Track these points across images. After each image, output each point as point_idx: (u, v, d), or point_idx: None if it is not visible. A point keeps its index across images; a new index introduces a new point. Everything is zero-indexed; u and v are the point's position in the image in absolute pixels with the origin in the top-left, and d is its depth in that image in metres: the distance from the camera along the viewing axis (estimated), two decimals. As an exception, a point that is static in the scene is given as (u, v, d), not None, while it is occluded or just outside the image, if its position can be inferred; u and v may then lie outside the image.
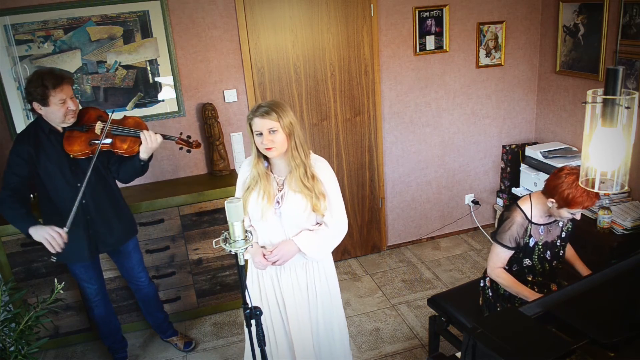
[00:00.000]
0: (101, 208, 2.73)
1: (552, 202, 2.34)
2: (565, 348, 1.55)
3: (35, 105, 2.51)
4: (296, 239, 2.18)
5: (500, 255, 2.46)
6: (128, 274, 3.03)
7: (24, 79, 3.23)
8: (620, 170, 1.47)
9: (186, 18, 3.40)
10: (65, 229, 2.48)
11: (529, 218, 2.42)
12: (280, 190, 2.18)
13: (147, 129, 2.65)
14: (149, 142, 2.57)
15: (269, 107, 2.07)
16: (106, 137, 2.58)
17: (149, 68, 3.42)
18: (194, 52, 3.48)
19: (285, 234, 2.20)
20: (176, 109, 3.53)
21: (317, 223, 2.25)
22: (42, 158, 2.57)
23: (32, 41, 3.18)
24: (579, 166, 2.32)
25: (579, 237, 3.29)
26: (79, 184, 2.58)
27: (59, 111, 2.51)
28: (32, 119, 3.27)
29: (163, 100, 3.50)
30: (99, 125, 2.59)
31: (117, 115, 2.73)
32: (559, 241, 2.50)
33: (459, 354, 2.04)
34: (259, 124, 2.06)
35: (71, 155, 2.58)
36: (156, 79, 3.45)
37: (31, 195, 3.02)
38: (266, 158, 2.19)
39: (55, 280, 2.38)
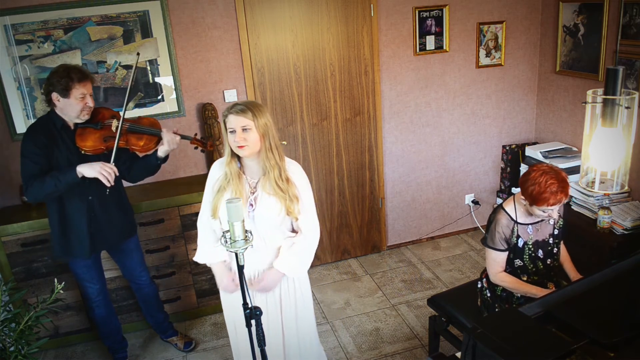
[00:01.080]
0: (106, 206, 2.74)
1: (524, 200, 2.36)
2: (565, 348, 1.55)
3: (54, 96, 2.53)
4: (279, 266, 2.18)
5: (496, 260, 2.47)
6: (129, 273, 3.03)
7: (24, 79, 3.23)
8: (620, 170, 1.47)
9: (186, 18, 3.40)
10: (112, 164, 2.53)
11: (514, 219, 2.43)
12: (254, 193, 2.15)
13: (161, 128, 2.69)
14: (172, 144, 2.61)
15: (245, 105, 2.07)
16: (122, 134, 2.61)
17: (149, 68, 3.42)
18: (194, 52, 3.48)
19: (259, 237, 2.17)
20: (176, 109, 3.53)
21: (293, 230, 2.24)
22: (54, 151, 2.60)
23: (32, 41, 3.18)
24: (552, 165, 2.33)
25: (579, 237, 3.29)
26: (87, 181, 2.57)
27: (77, 105, 2.54)
28: (33, 119, 3.29)
29: (163, 100, 3.50)
30: (114, 123, 2.63)
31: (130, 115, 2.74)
32: (551, 239, 2.50)
33: (459, 354, 2.04)
34: (233, 121, 2.05)
35: (83, 151, 2.60)
36: (156, 79, 3.45)
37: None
38: (239, 159, 2.17)
39: (55, 280, 2.38)
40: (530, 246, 2.45)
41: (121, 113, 2.63)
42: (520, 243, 2.44)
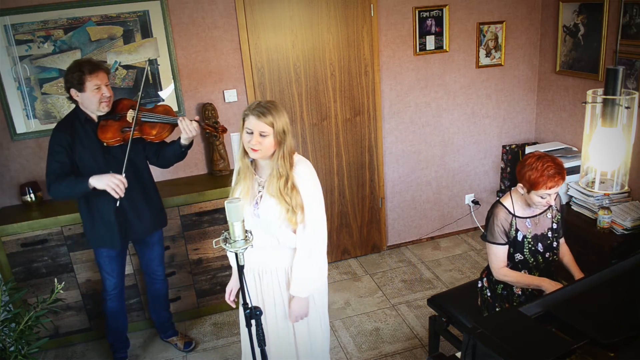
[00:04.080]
0: (131, 196, 2.75)
1: (522, 188, 2.38)
2: (565, 348, 1.55)
3: (73, 92, 2.60)
4: (297, 293, 2.16)
5: (497, 255, 2.47)
6: (147, 265, 3.07)
7: (24, 79, 3.23)
8: (620, 170, 1.47)
9: (186, 18, 3.40)
10: (123, 174, 2.57)
11: (512, 212, 2.45)
12: (260, 192, 2.16)
13: (176, 116, 2.73)
14: (188, 132, 2.63)
15: (266, 108, 2.05)
16: (137, 124, 2.65)
17: (149, 68, 3.41)
18: (194, 52, 3.48)
19: (262, 235, 2.16)
20: (176, 109, 3.53)
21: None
22: (77, 146, 2.66)
23: (32, 41, 3.18)
24: (546, 151, 2.34)
25: (579, 237, 3.30)
26: (111, 172, 2.62)
27: (94, 97, 2.59)
28: (33, 119, 3.30)
29: (163, 100, 3.49)
30: (130, 113, 2.68)
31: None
32: (550, 233, 2.50)
33: (459, 354, 2.04)
34: (253, 123, 2.04)
35: (104, 143, 2.65)
36: (156, 79, 3.45)
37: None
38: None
39: (55, 280, 2.39)
40: (530, 240, 2.46)
41: (138, 103, 2.68)
42: (520, 236, 2.45)
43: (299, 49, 3.65)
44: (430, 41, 3.91)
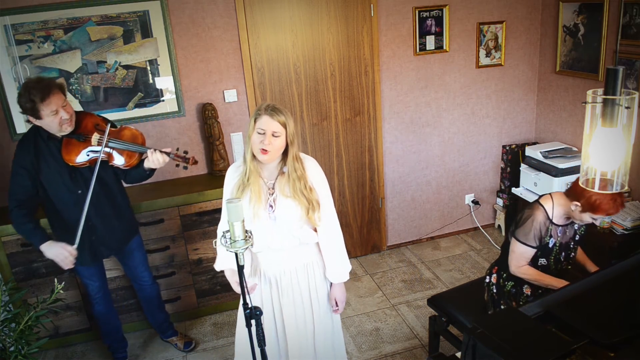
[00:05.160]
0: (103, 214, 2.73)
1: (577, 205, 2.32)
2: (565, 348, 1.55)
3: (31, 118, 2.47)
4: (340, 278, 2.28)
5: (524, 255, 2.44)
6: (131, 272, 3.04)
7: (24, 79, 3.23)
8: (620, 170, 1.47)
9: (186, 18, 3.40)
10: (75, 246, 2.54)
11: (550, 218, 2.42)
12: (272, 194, 2.14)
13: (144, 142, 2.63)
14: (155, 164, 2.55)
15: (278, 108, 2.05)
16: (103, 150, 2.54)
17: (149, 68, 3.42)
18: (194, 52, 3.48)
19: (281, 238, 2.16)
20: (176, 109, 3.53)
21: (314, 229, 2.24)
22: (42, 166, 2.57)
23: (32, 41, 3.18)
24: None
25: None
26: (79, 191, 2.59)
27: (53, 122, 2.45)
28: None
29: (163, 100, 3.50)
30: (95, 137, 2.55)
31: (116, 117, 2.71)
32: (572, 243, 2.51)
33: (459, 354, 2.04)
34: (266, 123, 2.02)
35: (70, 164, 2.58)
36: (156, 79, 3.45)
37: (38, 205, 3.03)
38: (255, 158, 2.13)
39: (55, 280, 2.39)
40: (558, 248, 2.46)
41: (107, 124, 2.58)
42: (551, 243, 2.44)
43: (299, 49, 3.65)
44: (430, 41, 3.91)
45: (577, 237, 2.52)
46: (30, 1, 3.13)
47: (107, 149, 2.57)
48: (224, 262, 2.29)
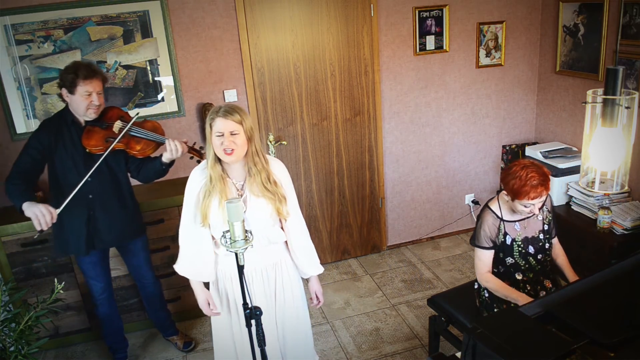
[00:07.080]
0: (106, 206, 2.75)
1: (506, 195, 2.38)
2: (565, 348, 1.55)
3: (63, 91, 2.58)
4: (315, 271, 2.36)
5: (482, 259, 2.48)
6: (135, 271, 3.06)
7: (24, 79, 3.23)
8: (620, 170, 1.47)
9: (186, 18, 3.40)
10: (58, 210, 2.50)
11: (500, 216, 2.44)
12: (242, 195, 2.13)
13: (163, 133, 2.71)
14: (174, 152, 2.61)
15: (232, 107, 2.06)
16: (123, 137, 2.62)
17: (149, 68, 3.42)
18: (194, 52, 3.48)
19: (255, 237, 2.14)
20: (176, 109, 3.53)
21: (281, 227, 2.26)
22: (59, 148, 2.63)
23: (32, 41, 3.18)
24: (533, 160, 2.33)
25: (579, 237, 3.30)
26: (90, 179, 2.60)
27: (82, 102, 2.56)
28: (33, 119, 3.30)
29: (163, 100, 3.50)
30: (117, 124, 2.65)
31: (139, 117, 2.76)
32: (541, 235, 2.49)
33: (459, 354, 2.04)
34: (221, 124, 2.03)
35: (87, 150, 2.62)
36: (156, 79, 3.45)
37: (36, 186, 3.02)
38: (221, 162, 2.12)
39: (55, 280, 2.39)
40: (520, 243, 2.46)
41: (132, 114, 2.66)
42: (509, 240, 2.45)
43: (299, 49, 3.65)
44: (430, 41, 3.91)
45: (546, 227, 2.50)
46: (30, 1, 3.13)
47: (127, 137, 2.65)
48: (188, 270, 2.28)
